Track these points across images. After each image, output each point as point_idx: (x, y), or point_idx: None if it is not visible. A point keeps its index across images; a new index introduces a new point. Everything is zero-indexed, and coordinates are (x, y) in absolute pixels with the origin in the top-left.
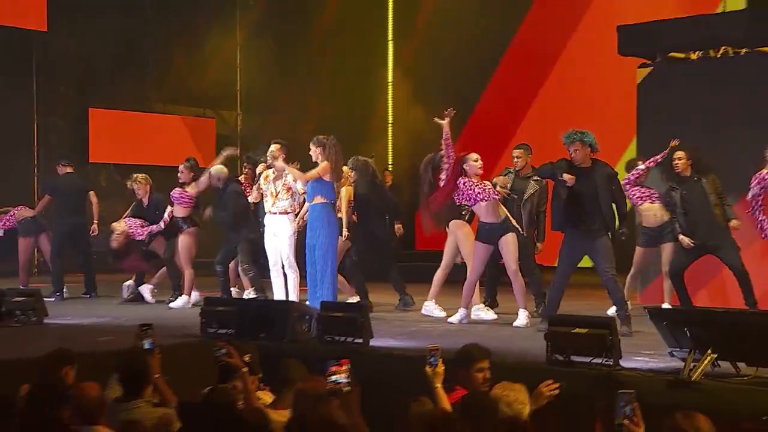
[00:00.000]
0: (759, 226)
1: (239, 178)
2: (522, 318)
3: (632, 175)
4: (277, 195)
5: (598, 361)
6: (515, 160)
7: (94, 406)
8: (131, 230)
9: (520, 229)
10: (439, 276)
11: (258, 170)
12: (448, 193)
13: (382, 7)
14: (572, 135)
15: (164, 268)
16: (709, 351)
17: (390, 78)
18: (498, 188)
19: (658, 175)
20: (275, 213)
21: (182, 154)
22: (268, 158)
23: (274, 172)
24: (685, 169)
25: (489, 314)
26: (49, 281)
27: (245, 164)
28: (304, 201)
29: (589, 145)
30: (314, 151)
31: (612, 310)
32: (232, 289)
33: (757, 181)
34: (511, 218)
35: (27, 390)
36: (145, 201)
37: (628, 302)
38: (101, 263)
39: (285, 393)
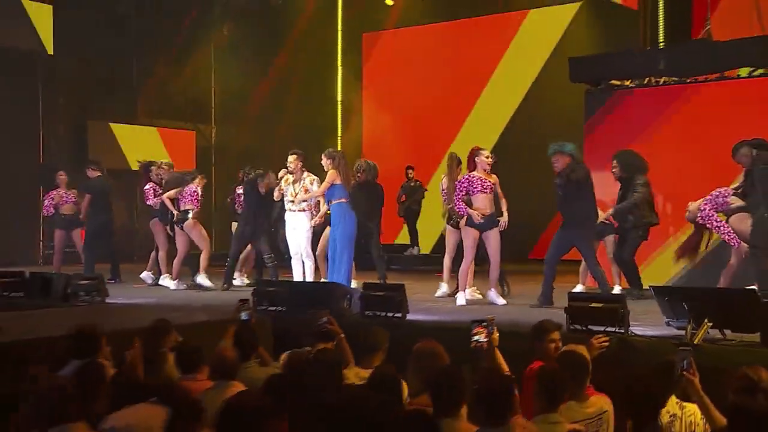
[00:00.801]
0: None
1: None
2: (492, 295)
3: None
4: (296, 195)
5: (612, 329)
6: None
7: (231, 365)
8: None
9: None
10: (464, 269)
11: (280, 174)
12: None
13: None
14: (552, 147)
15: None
16: (706, 320)
17: (339, 97)
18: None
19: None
20: (294, 211)
21: (181, 163)
22: (289, 167)
23: (293, 176)
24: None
25: (477, 295)
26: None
27: (242, 174)
28: (318, 203)
29: (569, 155)
30: (325, 162)
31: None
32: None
33: (707, 203)
34: (504, 214)
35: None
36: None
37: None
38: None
39: (372, 356)
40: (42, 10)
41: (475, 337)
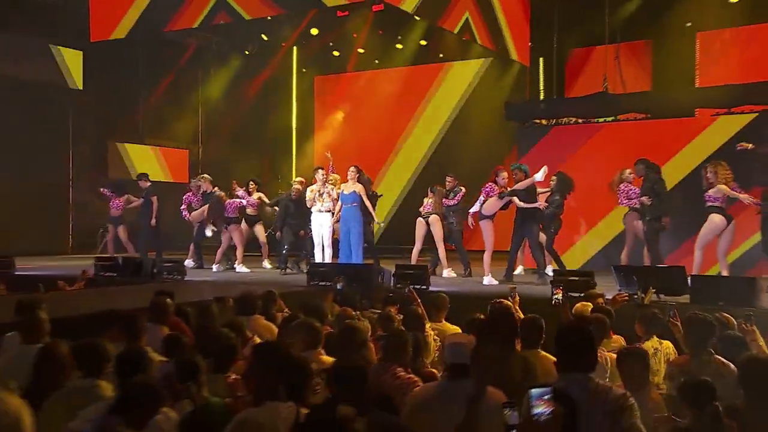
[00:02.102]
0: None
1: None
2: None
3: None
4: (322, 201)
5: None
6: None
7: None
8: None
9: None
10: (486, 258)
11: (318, 179)
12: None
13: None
14: (513, 165)
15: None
16: (651, 287)
17: (294, 123)
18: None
19: None
20: (321, 211)
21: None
22: (319, 180)
23: (319, 186)
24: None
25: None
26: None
27: (251, 183)
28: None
29: (524, 172)
30: (352, 176)
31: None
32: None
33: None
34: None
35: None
36: (208, 190)
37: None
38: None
39: (439, 313)
40: (75, 55)
41: (555, 296)
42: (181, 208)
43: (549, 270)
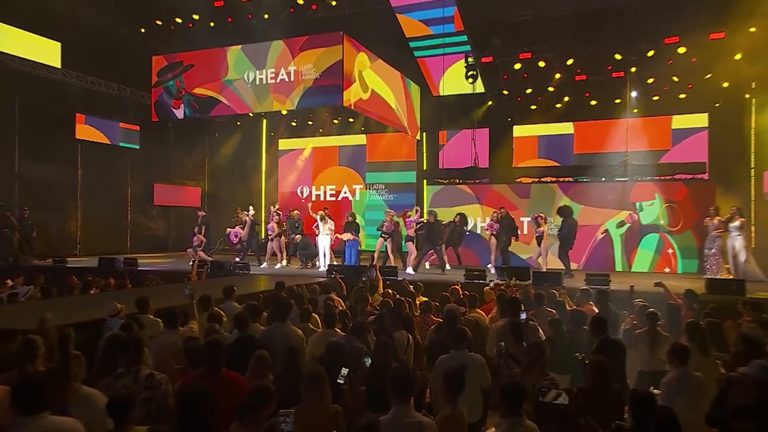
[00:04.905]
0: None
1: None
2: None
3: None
4: (326, 227)
5: (524, 282)
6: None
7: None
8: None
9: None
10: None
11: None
12: None
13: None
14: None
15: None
16: (514, 278)
17: (263, 170)
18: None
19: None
20: (323, 235)
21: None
22: (324, 217)
23: (322, 218)
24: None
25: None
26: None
27: (273, 210)
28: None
29: (434, 214)
30: (350, 219)
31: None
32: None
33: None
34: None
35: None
36: (248, 221)
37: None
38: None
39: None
40: (136, 131)
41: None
42: (230, 234)
43: (448, 266)
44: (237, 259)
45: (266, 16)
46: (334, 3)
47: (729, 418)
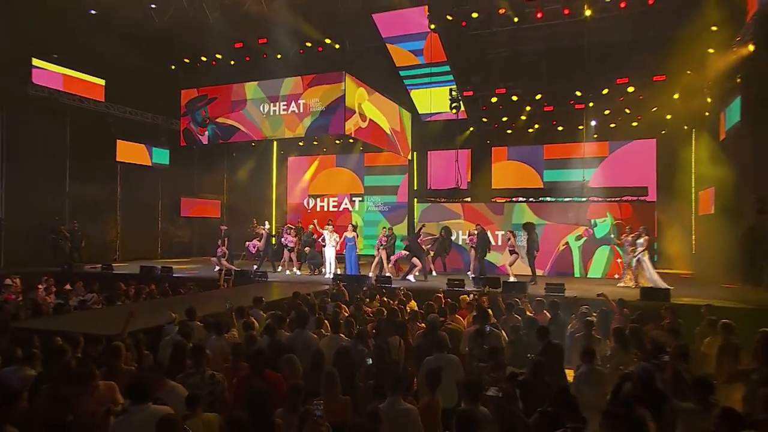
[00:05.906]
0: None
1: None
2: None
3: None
4: (332, 239)
5: (494, 289)
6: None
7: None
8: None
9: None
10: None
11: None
12: None
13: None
14: (418, 224)
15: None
16: (487, 286)
17: (274, 185)
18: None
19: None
20: (330, 246)
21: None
22: (328, 228)
23: (329, 233)
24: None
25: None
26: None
27: (293, 227)
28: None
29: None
30: (350, 228)
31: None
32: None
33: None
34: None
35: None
36: (264, 234)
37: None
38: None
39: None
40: (165, 153)
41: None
42: (249, 246)
43: (411, 277)
44: (255, 267)
45: (279, 56)
46: (337, 46)
47: (624, 404)
